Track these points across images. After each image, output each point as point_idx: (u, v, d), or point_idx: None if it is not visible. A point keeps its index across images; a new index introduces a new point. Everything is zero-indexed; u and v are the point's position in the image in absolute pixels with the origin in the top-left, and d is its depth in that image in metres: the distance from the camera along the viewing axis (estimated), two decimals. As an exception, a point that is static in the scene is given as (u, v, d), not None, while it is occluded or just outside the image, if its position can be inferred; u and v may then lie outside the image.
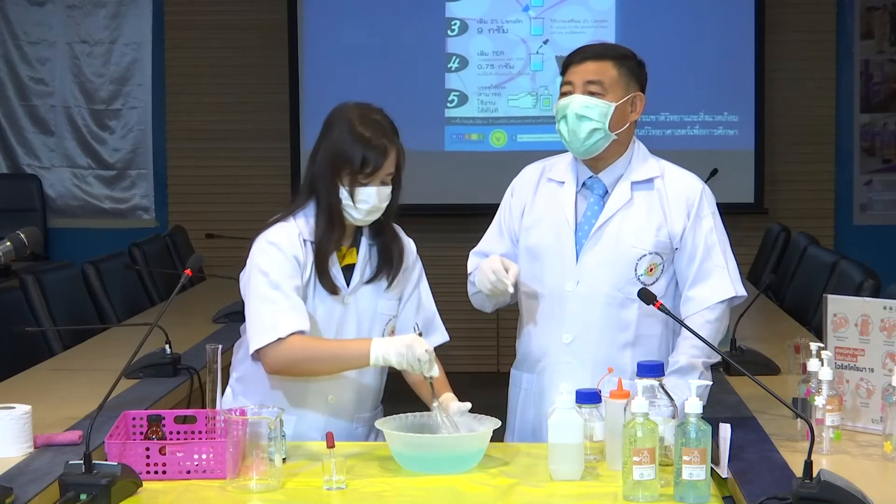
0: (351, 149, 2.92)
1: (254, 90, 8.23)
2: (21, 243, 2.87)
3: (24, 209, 8.18)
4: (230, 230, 7.19)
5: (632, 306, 3.04)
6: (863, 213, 8.23)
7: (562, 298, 3.08)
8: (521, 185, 3.23)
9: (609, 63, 3.03)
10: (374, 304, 3.05)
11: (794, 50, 8.07)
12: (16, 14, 8.31)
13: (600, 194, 3.10)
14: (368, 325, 3.04)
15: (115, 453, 2.64)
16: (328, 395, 3.03)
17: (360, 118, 2.96)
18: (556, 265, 3.09)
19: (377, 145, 2.93)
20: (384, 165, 2.95)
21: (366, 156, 2.92)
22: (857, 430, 2.97)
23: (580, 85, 3.02)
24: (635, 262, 3.04)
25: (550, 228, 3.11)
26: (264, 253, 2.97)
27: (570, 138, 3.05)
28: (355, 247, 3.05)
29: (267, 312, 2.91)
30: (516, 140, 8.05)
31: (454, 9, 8.07)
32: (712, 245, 3.06)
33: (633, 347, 3.04)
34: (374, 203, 2.95)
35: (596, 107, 3.00)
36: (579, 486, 2.61)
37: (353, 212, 2.96)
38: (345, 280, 3.02)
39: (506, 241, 3.22)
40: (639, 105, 3.07)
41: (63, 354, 4.48)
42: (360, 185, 2.93)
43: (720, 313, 3.04)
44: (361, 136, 2.92)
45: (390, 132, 2.97)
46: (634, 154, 3.10)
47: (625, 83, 3.04)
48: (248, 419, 2.66)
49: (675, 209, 3.06)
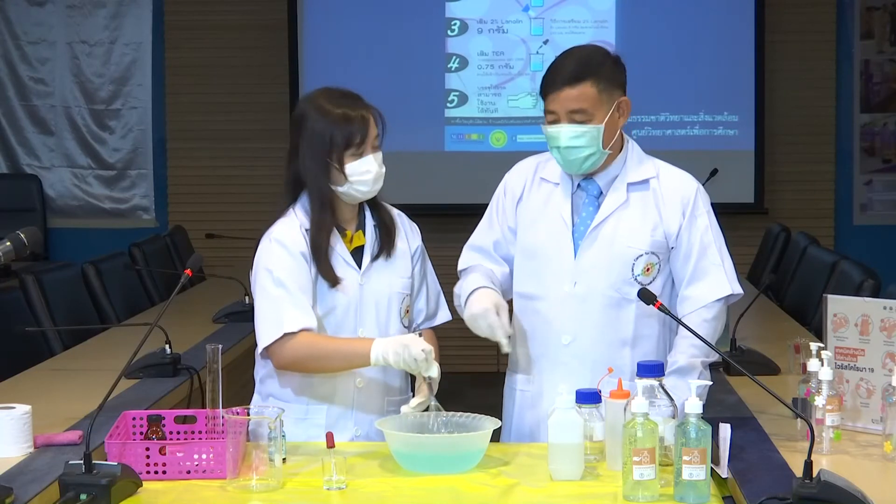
0: (332, 130, 2.96)
1: (254, 90, 8.23)
2: (21, 243, 2.87)
3: (24, 209, 8.18)
4: (230, 230, 7.20)
5: (629, 306, 3.03)
6: (863, 213, 8.23)
7: (559, 300, 3.07)
8: (513, 180, 3.22)
9: (587, 84, 2.96)
10: (388, 282, 3.07)
11: (794, 50, 8.07)
12: (16, 14, 8.31)
13: (595, 195, 3.09)
14: (385, 305, 3.06)
15: (115, 453, 2.64)
16: (356, 379, 3.04)
17: (328, 99, 3.00)
18: (552, 267, 3.08)
19: (355, 116, 2.97)
20: (370, 131, 2.98)
21: (350, 130, 2.96)
22: (857, 430, 2.97)
23: (564, 114, 2.98)
24: (632, 262, 3.04)
25: (546, 230, 3.10)
26: (269, 251, 3.00)
27: (566, 164, 3.04)
28: (361, 229, 3.08)
29: (273, 310, 2.95)
30: (516, 140, 8.05)
31: (454, 9, 8.07)
32: (708, 244, 3.05)
33: (631, 347, 3.04)
34: (376, 170, 2.99)
35: (585, 134, 2.97)
36: (579, 486, 2.61)
37: (358, 187, 2.99)
38: (356, 262, 3.04)
39: (495, 230, 3.20)
40: (625, 109, 3.03)
41: (63, 354, 4.48)
42: (356, 159, 2.97)
43: (717, 312, 3.04)
44: (338, 114, 2.96)
45: (360, 99, 3.02)
46: (629, 154, 3.09)
47: (607, 97, 2.98)
48: (248, 419, 2.67)
49: (670, 208, 3.05)
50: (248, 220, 7.90)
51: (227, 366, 2.86)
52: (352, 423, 3.04)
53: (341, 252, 3.03)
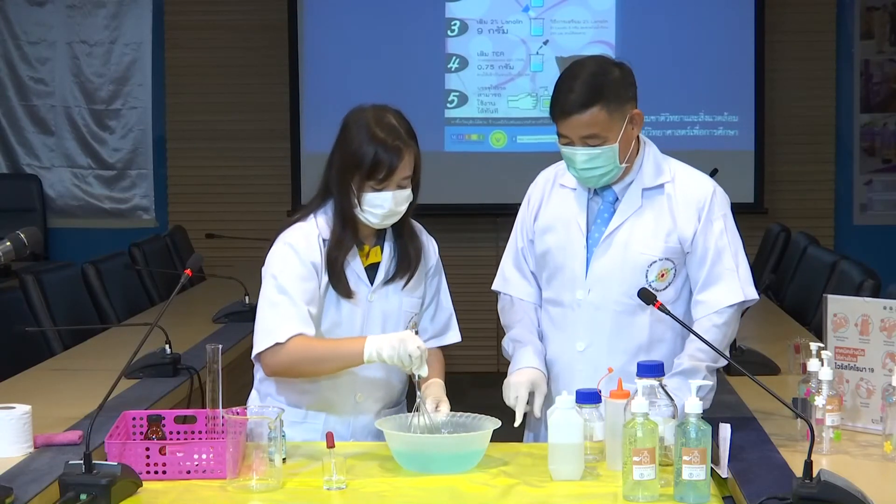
0: (363, 154, 2.89)
1: (254, 90, 8.24)
2: (21, 243, 2.87)
3: (24, 209, 8.18)
4: (230, 230, 7.20)
5: (644, 313, 3.01)
6: (863, 213, 8.24)
7: (573, 307, 3.07)
8: (533, 191, 3.21)
9: (596, 108, 2.91)
10: (398, 301, 3.04)
11: (794, 50, 8.08)
12: (16, 14, 8.31)
13: (611, 201, 3.07)
14: (393, 322, 3.03)
15: (115, 453, 2.64)
16: (356, 394, 3.03)
17: (376, 119, 2.93)
18: (566, 274, 3.07)
19: (391, 147, 2.89)
20: (399, 169, 2.90)
21: (379, 161, 2.88)
22: (857, 430, 2.97)
23: (577, 139, 2.94)
24: (646, 268, 3.02)
25: (561, 236, 3.09)
26: (279, 255, 2.97)
27: (583, 181, 3.03)
28: (379, 245, 3.04)
29: (269, 317, 2.92)
30: (516, 141, 8.05)
31: (454, 9, 8.07)
32: (723, 248, 3.03)
33: (646, 353, 3.01)
34: (390, 207, 2.92)
35: (600, 155, 2.94)
36: (579, 486, 2.61)
37: (368, 216, 2.94)
38: (369, 278, 3.01)
39: (522, 243, 3.19)
40: (638, 120, 3.00)
41: (63, 354, 4.48)
42: (373, 191, 2.91)
43: (728, 317, 3.02)
44: (375, 139, 2.89)
45: (405, 135, 2.93)
46: (644, 158, 3.06)
47: (619, 116, 2.94)
48: (248, 419, 2.67)
49: (684, 213, 3.03)
50: (248, 220, 7.93)
51: (227, 366, 2.86)
52: (348, 434, 3.04)
53: (356, 267, 3.00)
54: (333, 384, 3.01)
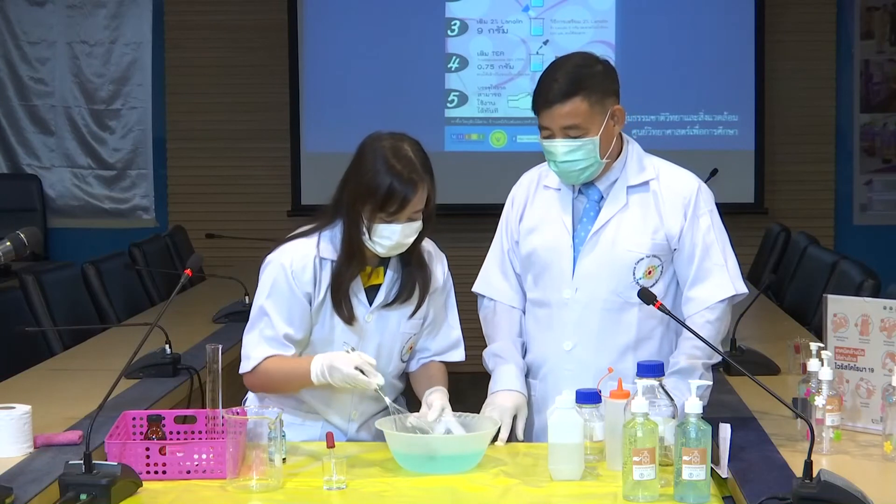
0: (379, 184, 2.84)
1: (254, 90, 8.23)
2: (21, 243, 2.87)
3: (24, 209, 8.18)
4: (230, 230, 7.20)
5: (631, 310, 3.03)
6: (863, 213, 8.24)
7: (560, 306, 3.07)
8: (517, 193, 3.22)
9: (577, 99, 2.93)
10: (396, 323, 3.02)
11: (794, 50, 8.08)
12: (16, 14, 8.31)
13: (596, 200, 3.07)
14: (389, 342, 3.02)
15: (115, 453, 2.64)
16: (352, 412, 3.05)
17: (393, 150, 2.87)
18: (553, 273, 3.08)
19: (406, 180, 2.84)
20: (412, 202, 2.87)
21: (392, 193, 2.83)
22: (857, 430, 2.97)
23: (558, 130, 2.96)
24: (633, 266, 3.02)
25: (547, 236, 3.09)
26: (268, 275, 2.98)
27: (564, 177, 3.04)
28: (383, 267, 3.01)
29: (247, 340, 3.00)
30: (516, 141, 8.05)
31: (454, 9, 8.07)
32: (710, 244, 3.04)
33: (634, 351, 3.02)
34: (398, 240, 2.89)
35: (580, 148, 2.96)
36: (579, 486, 2.61)
37: (376, 246, 2.91)
38: (368, 299, 2.99)
39: (505, 245, 3.19)
40: (619, 117, 3.00)
41: (63, 354, 4.48)
42: (384, 222, 2.87)
43: (720, 313, 3.03)
44: (391, 171, 2.83)
45: (421, 168, 2.88)
46: (628, 157, 3.07)
47: (600, 108, 2.96)
48: (248, 419, 2.67)
49: (671, 210, 3.04)
50: (248, 220, 7.93)
51: (227, 366, 2.86)
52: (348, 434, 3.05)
53: (355, 287, 2.97)
54: (329, 396, 3.01)
